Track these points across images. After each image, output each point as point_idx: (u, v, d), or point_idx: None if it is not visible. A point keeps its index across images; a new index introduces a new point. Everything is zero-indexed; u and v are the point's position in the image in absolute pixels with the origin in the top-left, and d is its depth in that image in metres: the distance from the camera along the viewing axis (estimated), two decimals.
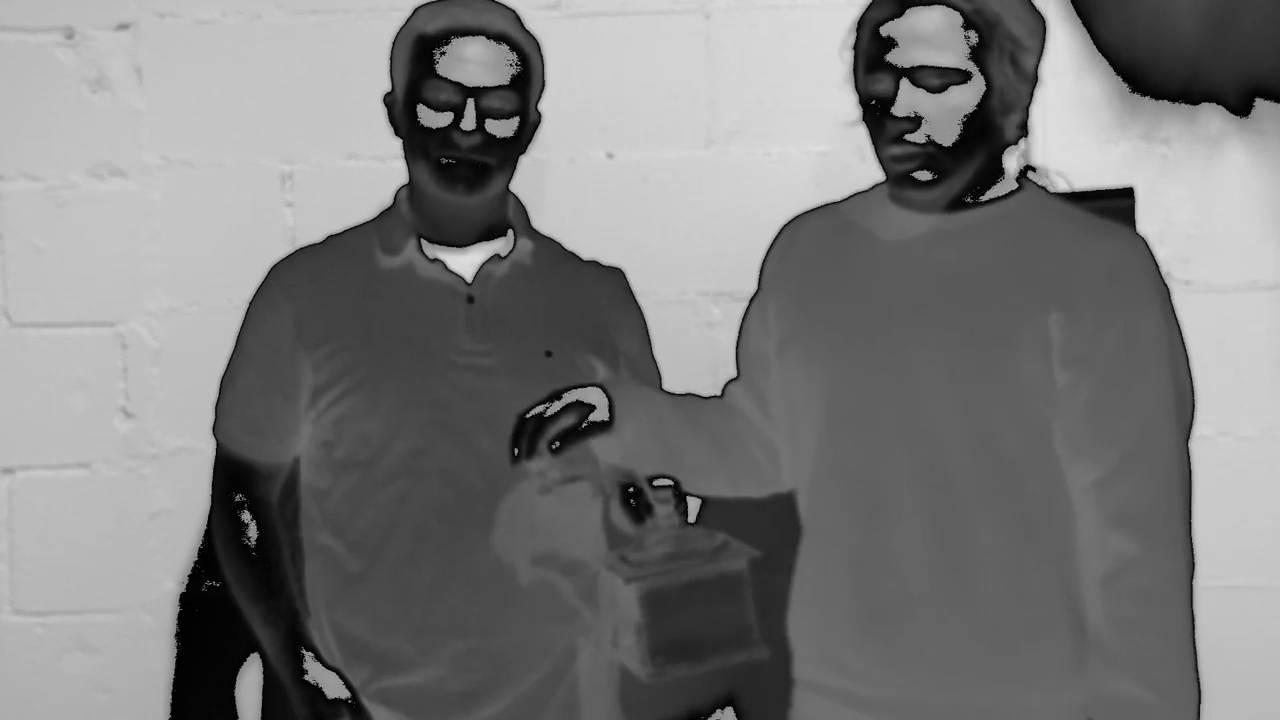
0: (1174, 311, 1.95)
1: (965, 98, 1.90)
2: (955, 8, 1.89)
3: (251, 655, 2.71)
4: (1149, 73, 2.73)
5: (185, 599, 2.76)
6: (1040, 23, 1.95)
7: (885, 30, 1.91)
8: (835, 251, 2.06)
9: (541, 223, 2.34)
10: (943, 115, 1.90)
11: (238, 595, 2.21)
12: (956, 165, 1.93)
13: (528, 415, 2.00)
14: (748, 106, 2.74)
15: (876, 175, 2.04)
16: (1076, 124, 2.72)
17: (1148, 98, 2.73)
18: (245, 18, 2.74)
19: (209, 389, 2.25)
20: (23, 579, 2.77)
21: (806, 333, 2.05)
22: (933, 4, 1.89)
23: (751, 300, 2.19)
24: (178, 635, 2.76)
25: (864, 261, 2.02)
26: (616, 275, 2.35)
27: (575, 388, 2.04)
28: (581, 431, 2.01)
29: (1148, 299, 1.91)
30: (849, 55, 1.98)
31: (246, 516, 2.21)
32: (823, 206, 2.16)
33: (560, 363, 2.19)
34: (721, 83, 2.74)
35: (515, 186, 2.25)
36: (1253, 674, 2.72)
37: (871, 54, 1.92)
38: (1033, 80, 1.95)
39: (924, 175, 1.93)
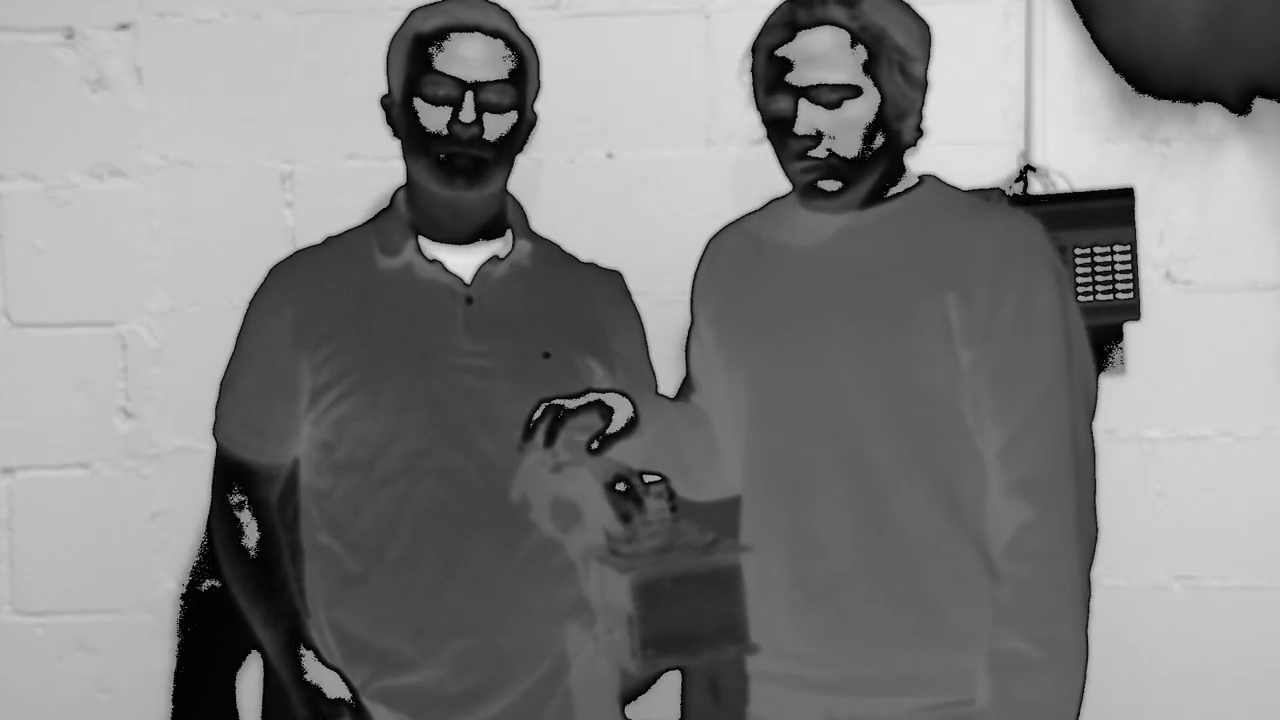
0: (1069, 287, 2.05)
1: (861, 110, 1.99)
2: (843, 26, 1.98)
3: (251, 655, 2.71)
4: (1149, 72, 2.73)
5: (185, 599, 2.76)
6: (925, 30, 2.05)
7: (779, 53, 2.01)
8: (752, 259, 2.16)
9: (541, 223, 2.34)
10: (842, 128, 1.99)
11: (237, 596, 2.21)
12: (860, 172, 2.03)
13: (549, 403, 2.03)
14: (748, 106, 2.74)
15: None
16: (1076, 124, 2.73)
17: (1148, 97, 2.73)
18: (245, 18, 2.74)
19: (209, 389, 2.25)
20: (23, 579, 2.77)
21: (729, 337, 2.15)
22: (821, 25, 1.99)
23: (690, 328, 2.27)
24: (178, 635, 2.76)
25: (778, 264, 2.12)
26: (615, 277, 2.35)
27: (598, 390, 2.08)
28: (614, 435, 2.04)
29: (1039, 274, 2.00)
30: (747, 79, 2.08)
31: (246, 517, 2.21)
32: (740, 219, 2.25)
33: (559, 364, 2.19)
34: (721, 83, 2.74)
35: (514, 187, 2.25)
36: (1253, 674, 2.73)
37: (769, 77, 2.03)
38: (923, 85, 2.04)
39: (830, 185, 2.02)
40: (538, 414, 2.02)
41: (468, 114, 2.11)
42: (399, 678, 2.15)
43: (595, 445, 2.02)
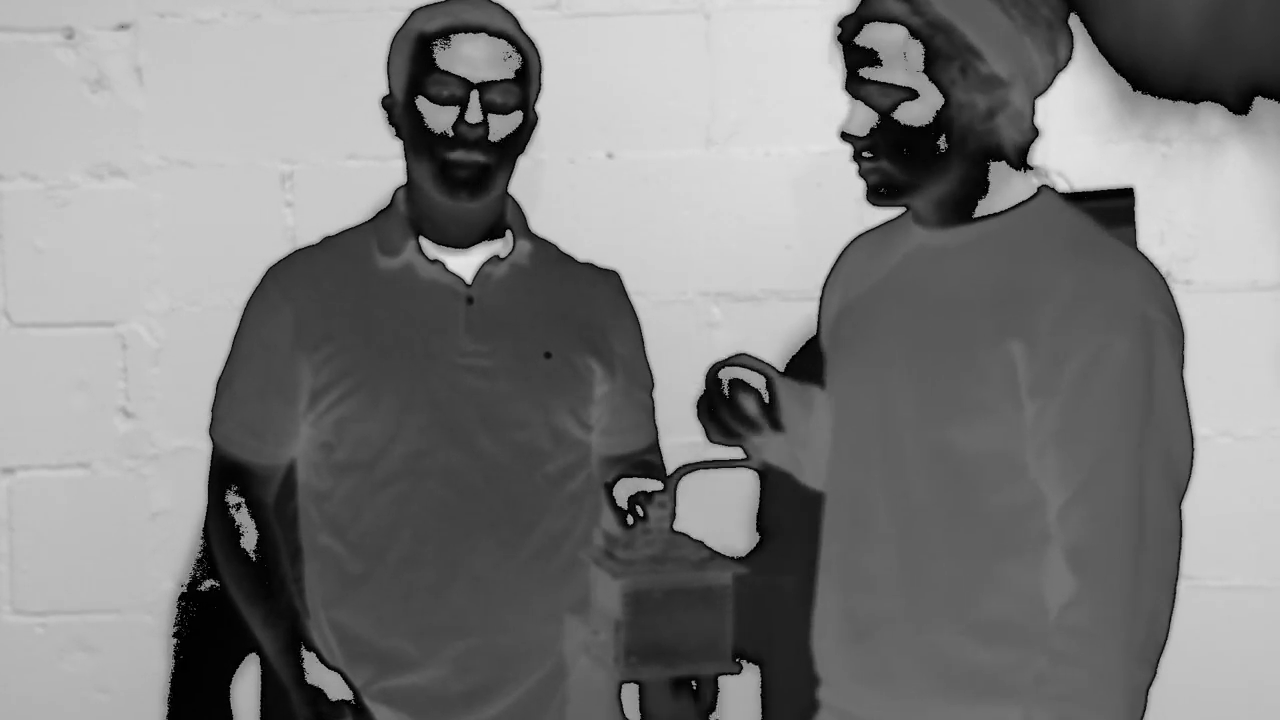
0: (1164, 342, 1.85)
1: (917, 113, 1.87)
2: (902, 22, 1.85)
3: (248, 657, 2.71)
4: (1149, 72, 2.73)
5: (183, 600, 2.76)
6: (1021, 21, 1.86)
7: (846, 48, 1.91)
8: (859, 275, 2.08)
9: (541, 223, 2.35)
10: (894, 132, 1.88)
11: (236, 597, 2.21)
12: (918, 179, 1.90)
13: (711, 400, 2.01)
14: (748, 106, 2.74)
15: None
16: (1076, 124, 2.72)
17: (1148, 97, 2.73)
18: (245, 18, 2.74)
19: (209, 389, 2.25)
20: (23, 579, 2.77)
21: (831, 354, 2.08)
22: (878, 19, 1.87)
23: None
24: (175, 637, 2.76)
25: (874, 286, 2.03)
26: (612, 278, 2.35)
27: (721, 364, 2.04)
28: (776, 404, 2.02)
29: (1121, 326, 1.81)
30: (838, 65, 1.95)
31: (244, 518, 2.20)
32: (876, 227, 2.14)
33: (559, 364, 2.19)
34: (721, 83, 2.74)
35: (514, 187, 2.25)
36: (1253, 674, 2.73)
37: (841, 71, 1.93)
38: (1005, 84, 1.87)
39: (881, 190, 1.92)
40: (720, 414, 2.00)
41: (474, 114, 2.11)
42: (401, 678, 2.16)
43: (772, 419, 1.99)
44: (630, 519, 2.06)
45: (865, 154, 1.90)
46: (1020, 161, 1.94)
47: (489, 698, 2.16)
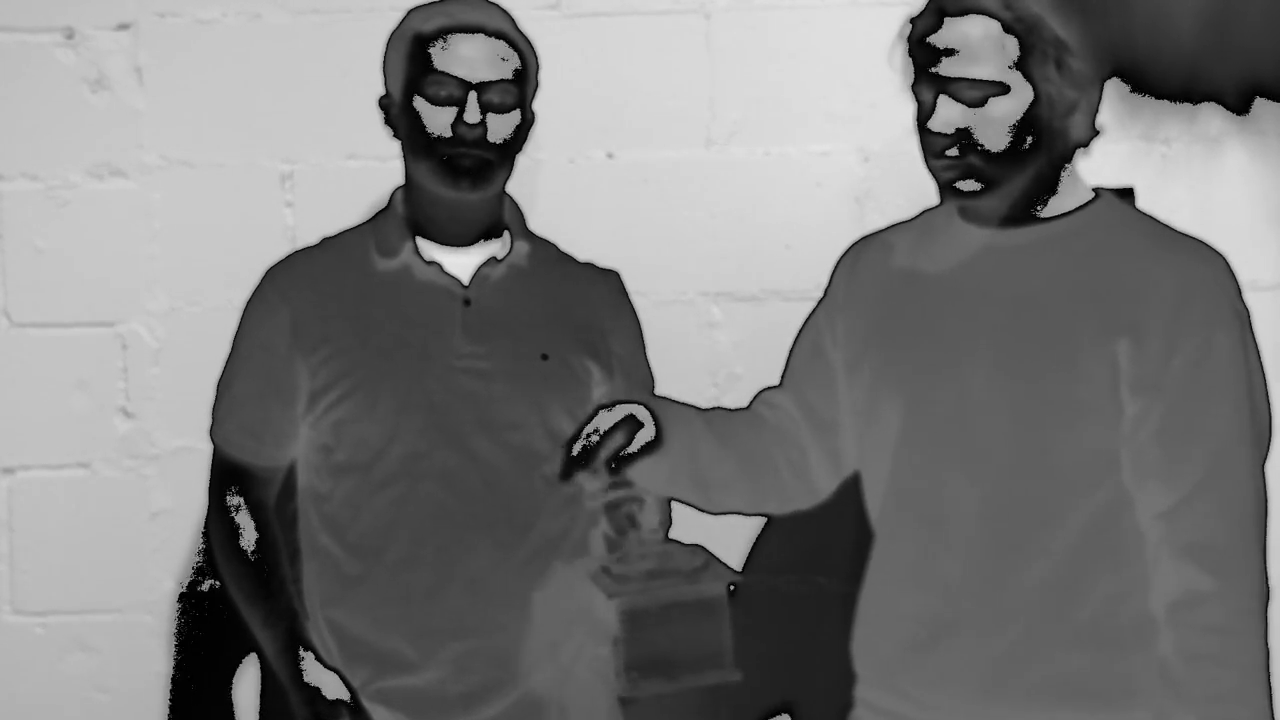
0: (1251, 333, 1.89)
1: (1008, 108, 1.86)
2: (994, 16, 1.84)
3: (248, 657, 2.71)
4: (1149, 72, 2.73)
5: (183, 600, 2.76)
6: (1088, 19, 1.89)
7: (928, 40, 1.87)
8: (901, 275, 2.04)
9: (541, 223, 2.34)
10: (986, 127, 1.86)
11: (236, 597, 2.21)
12: (1005, 174, 1.89)
13: (581, 432, 1.97)
14: (748, 106, 2.74)
15: (877, 176, 2.03)
16: None
17: (1148, 97, 2.73)
18: (245, 18, 2.74)
19: (209, 389, 2.26)
20: (23, 579, 2.77)
21: (878, 357, 2.03)
22: (969, 14, 1.85)
23: (814, 312, 2.17)
24: (175, 636, 2.76)
25: (930, 284, 2.00)
26: (612, 278, 2.35)
27: (621, 403, 2.02)
28: (636, 453, 1.99)
29: (1221, 319, 1.84)
30: (898, 65, 1.93)
31: (244, 519, 2.20)
32: (887, 229, 2.14)
33: (556, 365, 2.19)
34: (721, 83, 2.74)
35: (514, 187, 2.25)
36: None
37: (915, 66, 1.89)
38: (1088, 80, 1.88)
39: (969, 185, 1.89)
40: (568, 446, 1.96)
41: (472, 115, 2.11)
42: (399, 679, 2.15)
43: (614, 464, 1.96)
44: (624, 528, 2.05)
45: (948, 152, 1.88)
46: (1078, 160, 1.95)
47: (487, 699, 2.16)
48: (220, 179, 2.74)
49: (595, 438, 1.96)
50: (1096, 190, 1.98)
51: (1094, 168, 2.69)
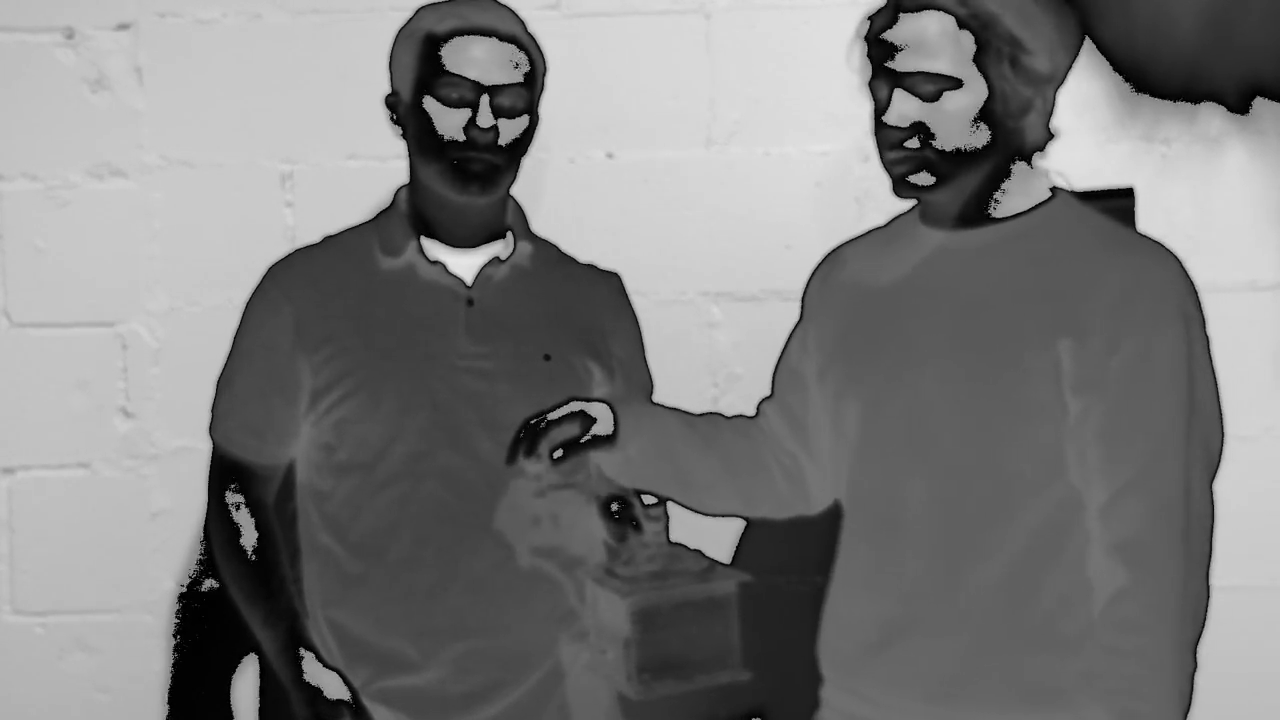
0: (1200, 335, 1.88)
1: (963, 103, 1.87)
2: (949, 12, 1.85)
3: (248, 657, 2.71)
4: (1149, 72, 2.73)
5: (182, 600, 2.76)
6: (1058, 21, 1.90)
7: (883, 36, 1.89)
8: (869, 277, 2.05)
9: (541, 223, 2.35)
10: (941, 121, 1.87)
11: (236, 597, 2.21)
12: (958, 170, 1.90)
13: (532, 419, 2.01)
14: (748, 106, 2.74)
15: (877, 176, 2.03)
16: (1076, 124, 2.71)
17: (1148, 97, 2.73)
18: (245, 18, 2.74)
19: (209, 389, 2.25)
20: (23, 579, 2.77)
21: (842, 361, 2.04)
22: (925, 9, 1.86)
23: (795, 325, 2.19)
24: (174, 636, 2.76)
25: (892, 286, 2.01)
26: (613, 279, 2.35)
27: (582, 399, 2.05)
28: (584, 444, 2.01)
29: (1164, 319, 1.84)
30: (856, 64, 1.95)
31: (244, 518, 2.20)
32: (863, 234, 2.16)
33: (559, 366, 2.19)
34: (721, 83, 2.74)
35: (516, 187, 2.25)
36: (1253, 674, 2.72)
37: (871, 62, 1.91)
38: (1044, 81, 1.90)
39: (922, 179, 1.90)
40: (519, 430, 1.99)
41: (485, 119, 2.10)
42: (400, 679, 2.15)
43: (559, 454, 1.98)
44: (625, 532, 2.06)
45: (905, 144, 1.89)
46: (1033, 161, 1.96)
47: (488, 699, 2.16)
48: (220, 179, 2.75)
49: (543, 426, 1.99)
50: (1054, 190, 1.99)
51: (1094, 168, 2.71)
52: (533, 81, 2.16)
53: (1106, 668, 1.84)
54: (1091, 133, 2.73)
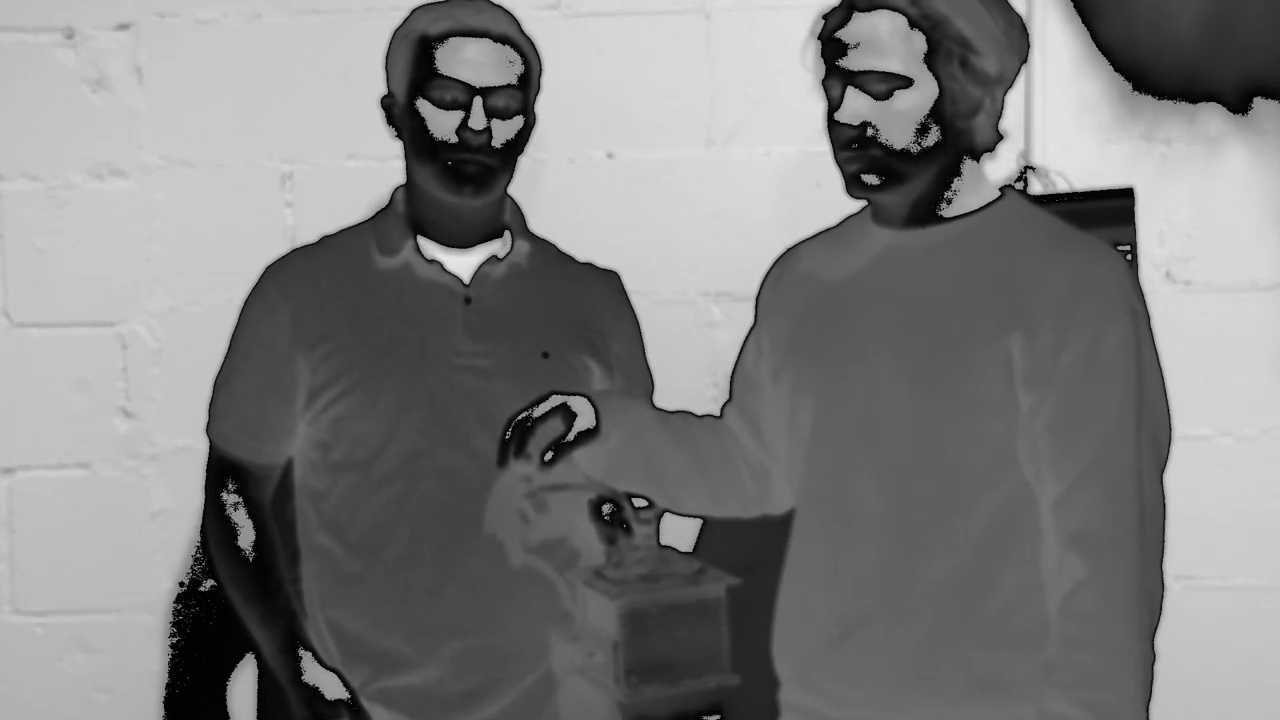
0: (1146, 330, 1.91)
1: (913, 102, 1.88)
2: (901, 12, 1.87)
3: (245, 657, 2.71)
4: (1149, 72, 2.73)
5: (180, 600, 2.76)
6: (1005, 24, 1.91)
7: (836, 35, 1.91)
8: (821, 276, 2.07)
9: (541, 223, 2.35)
10: (890, 120, 1.89)
11: (233, 597, 2.21)
12: (908, 169, 1.92)
13: (516, 418, 2.02)
14: (748, 106, 2.74)
15: None
16: (1076, 124, 2.72)
17: (1148, 97, 2.73)
18: (245, 18, 2.74)
19: (209, 389, 2.25)
20: (23, 579, 2.77)
21: (795, 361, 2.06)
22: (877, 9, 1.88)
23: (750, 328, 2.20)
24: (172, 636, 2.76)
25: (843, 284, 2.03)
26: (612, 278, 2.35)
27: (563, 392, 2.05)
28: (571, 441, 2.02)
29: (1112, 314, 1.86)
30: (810, 63, 1.97)
31: (241, 517, 2.20)
32: (815, 235, 2.17)
33: (557, 364, 2.19)
34: (721, 83, 2.74)
35: (515, 187, 2.25)
36: (1253, 674, 2.73)
37: (824, 60, 1.94)
38: (992, 82, 1.91)
39: (871, 179, 1.92)
40: (504, 431, 2.00)
41: (478, 120, 2.10)
42: (398, 678, 2.15)
43: (550, 456, 1.99)
44: (615, 534, 2.06)
45: (855, 143, 1.92)
46: (984, 162, 1.98)
47: (485, 698, 2.16)
48: (220, 179, 2.75)
49: (529, 424, 2.00)
50: (1003, 190, 2.01)
51: (1094, 168, 2.71)
52: (527, 83, 2.16)
53: (1066, 659, 1.85)
54: (1091, 133, 2.73)
